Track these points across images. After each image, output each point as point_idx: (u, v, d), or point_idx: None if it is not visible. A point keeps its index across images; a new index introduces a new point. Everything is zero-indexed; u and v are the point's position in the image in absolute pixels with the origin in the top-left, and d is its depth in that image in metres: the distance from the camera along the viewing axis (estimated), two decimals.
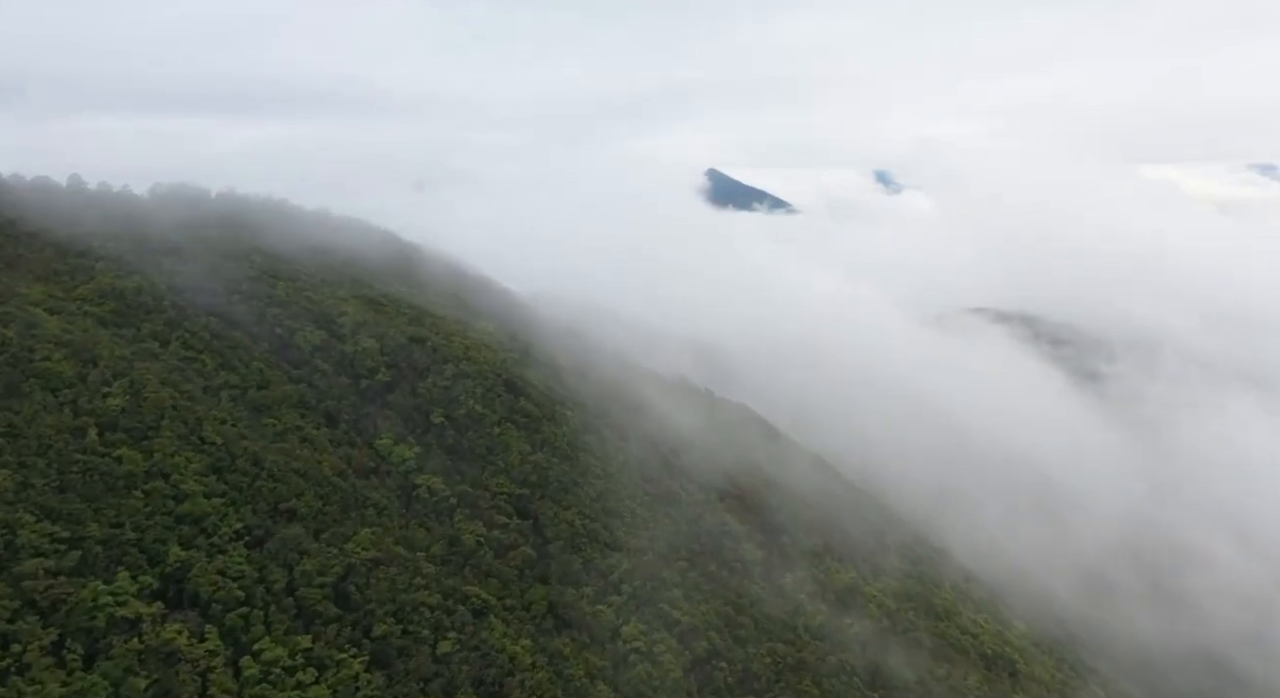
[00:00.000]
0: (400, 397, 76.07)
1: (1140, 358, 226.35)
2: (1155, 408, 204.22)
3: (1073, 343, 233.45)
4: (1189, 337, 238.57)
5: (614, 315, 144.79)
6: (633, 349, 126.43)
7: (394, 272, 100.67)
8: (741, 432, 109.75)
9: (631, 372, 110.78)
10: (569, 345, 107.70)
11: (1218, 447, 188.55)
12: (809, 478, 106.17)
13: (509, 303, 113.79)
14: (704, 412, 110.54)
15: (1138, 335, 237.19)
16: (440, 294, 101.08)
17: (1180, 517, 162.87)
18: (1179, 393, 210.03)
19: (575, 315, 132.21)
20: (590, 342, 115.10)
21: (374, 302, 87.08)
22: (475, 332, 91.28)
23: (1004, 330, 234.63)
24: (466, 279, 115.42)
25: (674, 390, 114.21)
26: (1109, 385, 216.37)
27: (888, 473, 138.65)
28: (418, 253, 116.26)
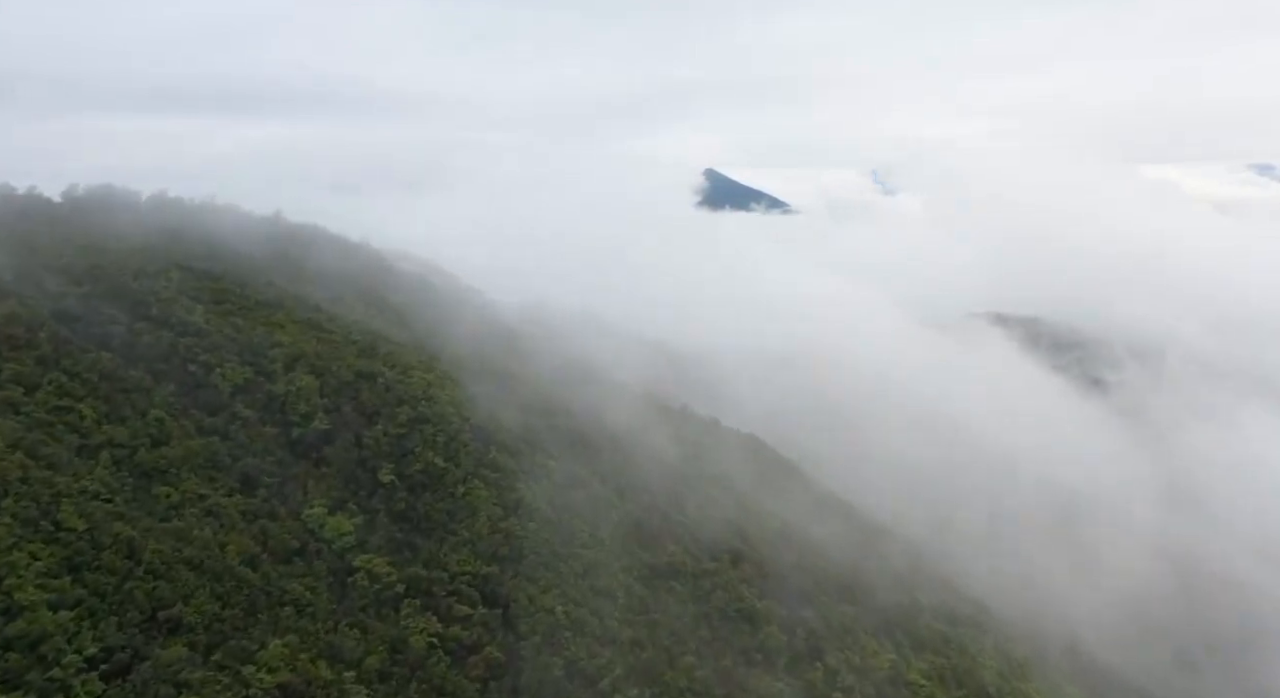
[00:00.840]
0: (341, 449, 60.76)
1: (1145, 364, 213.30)
2: (1166, 418, 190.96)
3: (1075, 348, 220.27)
4: (1193, 340, 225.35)
5: (605, 326, 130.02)
6: (626, 367, 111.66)
7: (352, 289, 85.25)
8: (749, 468, 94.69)
9: (626, 398, 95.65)
10: (555, 370, 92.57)
11: (1241, 462, 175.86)
12: (826, 522, 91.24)
13: (489, 321, 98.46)
14: (708, 445, 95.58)
15: (1140, 339, 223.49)
16: (406, 315, 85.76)
17: (1224, 547, 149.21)
18: (1189, 402, 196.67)
19: (564, 328, 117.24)
20: (579, 363, 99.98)
21: (318, 328, 71.65)
22: (442, 362, 75.91)
23: (1006, 335, 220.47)
24: (441, 294, 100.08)
25: (673, 419, 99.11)
26: (1116, 393, 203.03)
27: (889, 488, 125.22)
28: (386, 265, 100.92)
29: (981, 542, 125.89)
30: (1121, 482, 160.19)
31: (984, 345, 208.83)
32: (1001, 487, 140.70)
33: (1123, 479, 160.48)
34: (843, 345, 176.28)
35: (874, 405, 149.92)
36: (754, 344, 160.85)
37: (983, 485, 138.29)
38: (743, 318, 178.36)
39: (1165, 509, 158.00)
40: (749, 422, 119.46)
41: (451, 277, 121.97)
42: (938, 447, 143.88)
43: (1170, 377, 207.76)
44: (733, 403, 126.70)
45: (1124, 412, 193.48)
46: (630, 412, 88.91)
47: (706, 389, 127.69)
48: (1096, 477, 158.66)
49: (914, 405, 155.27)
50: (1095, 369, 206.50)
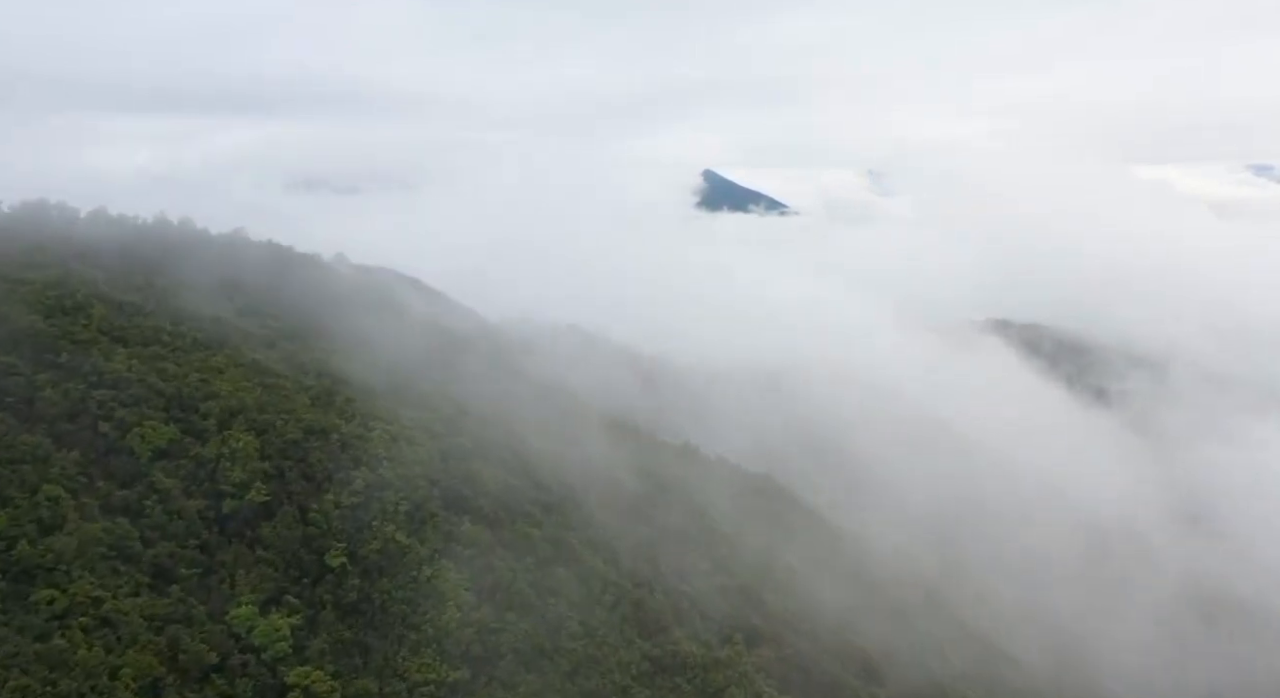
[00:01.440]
0: (282, 527, 50.22)
1: (1148, 373, 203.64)
2: (1175, 433, 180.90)
3: (1077, 355, 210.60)
4: (1196, 348, 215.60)
5: (594, 344, 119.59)
6: (616, 393, 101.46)
7: (314, 319, 74.50)
8: (761, 517, 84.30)
9: (621, 439, 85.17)
10: (540, 404, 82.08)
11: (1259, 482, 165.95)
12: (845, 584, 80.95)
13: (468, 348, 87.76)
14: (715, 492, 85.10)
15: (1143, 347, 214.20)
16: (376, 348, 75.01)
17: (1253, 578, 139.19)
18: (1197, 416, 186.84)
19: (549, 348, 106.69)
20: (565, 393, 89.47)
21: (264, 372, 60.98)
22: (410, 408, 65.31)
23: (1007, 343, 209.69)
24: (419, 319, 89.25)
25: (675, 461, 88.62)
26: (1121, 406, 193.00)
27: (894, 513, 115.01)
28: (359, 287, 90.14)
29: (998, 576, 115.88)
30: (1136, 503, 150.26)
31: (985, 355, 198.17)
32: (1012, 511, 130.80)
33: (1138, 501, 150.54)
34: (839, 357, 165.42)
35: (872, 421, 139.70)
36: (746, 358, 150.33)
37: (992, 510, 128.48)
38: (735, 329, 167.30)
39: (1185, 534, 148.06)
40: (744, 444, 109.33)
41: (434, 294, 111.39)
42: (941, 465, 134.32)
43: (1175, 387, 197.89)
44: (727, 423, 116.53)
45: (1131, 426, 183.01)
46: (625, 457, 78.43)
47: (699, 409, 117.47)
48: (1109, 498, 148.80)
49: (916, 421, 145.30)
50: (1099, 379, 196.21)
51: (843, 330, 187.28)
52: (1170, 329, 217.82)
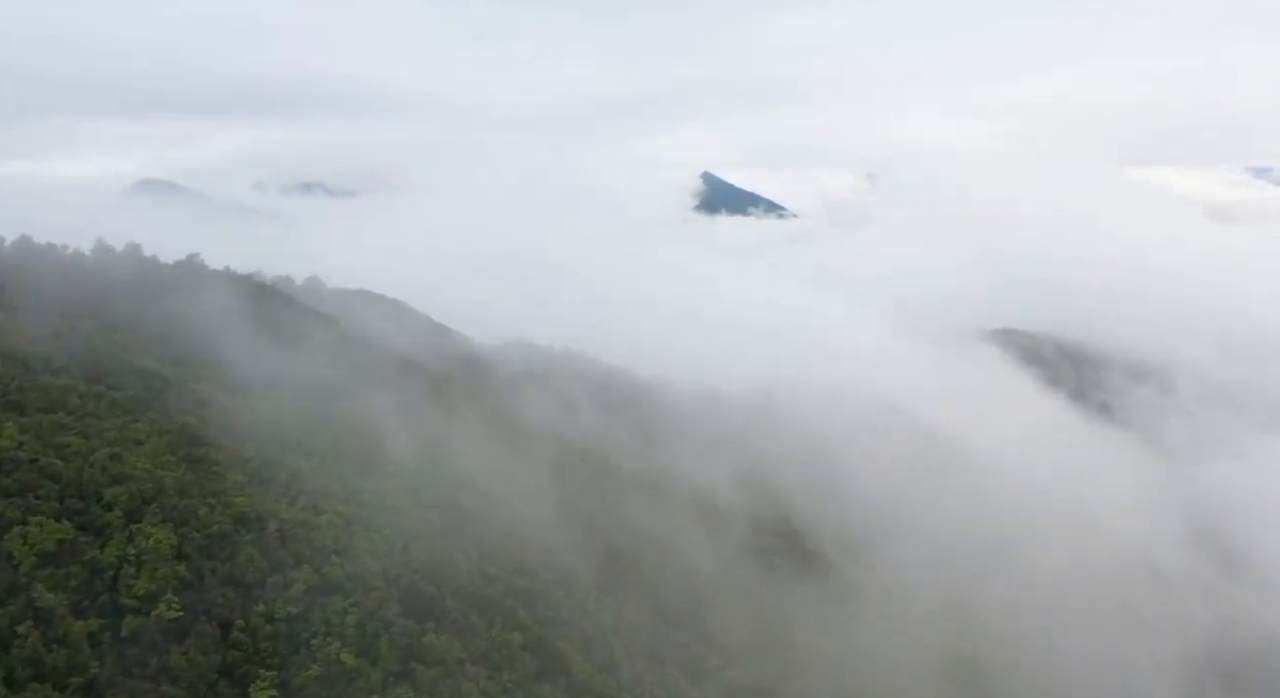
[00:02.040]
0: (196, 652, 39.95)
1: (1151, 386, 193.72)
2: (1183, 451, 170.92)
3: (1079, 367, 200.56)
4: (1197, 357, 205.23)
5: (587, 371, 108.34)
6: (613, 428, 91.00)
7: (265, 370, 63.61)
8: (773, 581, 74.10)
9: (618, 486, 74.90)
10: (529, 454, 71.78)
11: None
12: (873, 648, 70.88)
13: (451, 392, 77.27)
14: (723, 545, 74.94)
15: (1144, 356, 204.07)
16: (340, 403, 64.36)
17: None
18: (1203, 431, 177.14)
19: (545, 379, 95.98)
20: (556, 438, 79.11)
21: (194, 441, 50.53)
22: (372, 476, 54.97)
23: (1009, 355, 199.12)
24: (394, 360, 78.22)
25: (681, 510, 78.29)
26: (1126, 420, 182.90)
27: (898, 543, 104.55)
28: (328, 325, 79.14)
29: (1018, 616, 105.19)
30: (1153, 530, 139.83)
31: (989, 367, 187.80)
32: (1029, 541, 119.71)
33: (1155, 527, 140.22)
34: (839, 374, 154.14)
35: (876, 443, 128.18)
36: (744, 376, 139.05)
37: (1010, 541, 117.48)
38: (731, 345, 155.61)
39: (1205, 564, 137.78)
40: (744, 471, 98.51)
41: (417, 319, 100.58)
42: (952, 490, 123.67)
43: (1181, 400, 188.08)
44: (726, 451, 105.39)
45: (1140, 442, 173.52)
46: (622, 513, 68.12)
47: (698, 437, 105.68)
48: (1125, 524, 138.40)
49: (922, 440, 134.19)
50: (1103, 392, 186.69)
51: (842, 344, 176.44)
52: (1174, 339, 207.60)
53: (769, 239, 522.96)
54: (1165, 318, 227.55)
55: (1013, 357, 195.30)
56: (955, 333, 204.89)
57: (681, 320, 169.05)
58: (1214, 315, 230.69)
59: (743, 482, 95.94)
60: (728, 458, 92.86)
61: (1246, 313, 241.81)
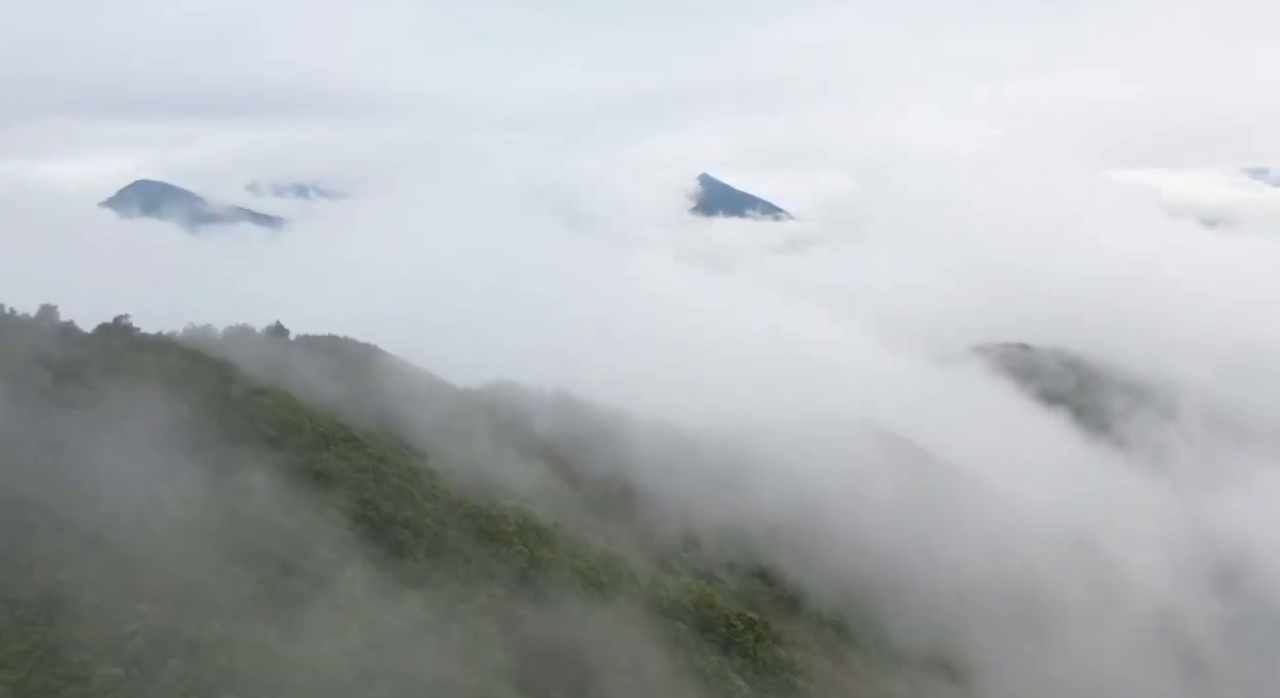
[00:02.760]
0: None
1: (1157, 405, 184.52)
2: (1192, 477, 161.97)
3: (1079, 385, 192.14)
4: (1196, 375, 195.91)
5: (588, 416, 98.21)
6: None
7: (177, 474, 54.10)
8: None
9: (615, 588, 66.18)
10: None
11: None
12: None
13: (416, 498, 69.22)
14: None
15: (1142, 375, 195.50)
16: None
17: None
18: (1211, 455, 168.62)
19: (531, 426, 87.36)
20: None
21: None
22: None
23: (1006, 373, 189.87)
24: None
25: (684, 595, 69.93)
26: (1131, 442, 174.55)
27: (919, 604, 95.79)
28: (280, 402, 69.40)
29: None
30: (1170, 567, 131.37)
31: (988, 389, 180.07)
32: (1050, 583, 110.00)
33: (1171, 564, 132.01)
34: (825, 398, 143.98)
35: (863, 476, 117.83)
36: (717, 403, 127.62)
37: (1021, 590, 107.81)
38: (721, 372, 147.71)
39: (1227, 605, 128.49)
40: (749, 515, 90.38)
41: (391, 368, 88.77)
42: (949, 527, 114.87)
43: (1182, 422, 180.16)
44: (734, 496, 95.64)
45: (1146, 470, 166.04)
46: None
47: (701, 483, 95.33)
48: (1140, 560, 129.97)
49: (914, 473, 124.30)
50: (1105, 412, 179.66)
51: (831, 365, 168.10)
52: (1174, 355, 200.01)
53: (766, 241, 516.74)
54: (1167, 332, 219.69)
55: (1011, 374, 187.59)
56: (951, 348, 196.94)
57: (650, 346, 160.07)
58: (1215, 329, 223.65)
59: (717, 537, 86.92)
60: (697, 513, 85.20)
61: (1247, 326, 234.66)
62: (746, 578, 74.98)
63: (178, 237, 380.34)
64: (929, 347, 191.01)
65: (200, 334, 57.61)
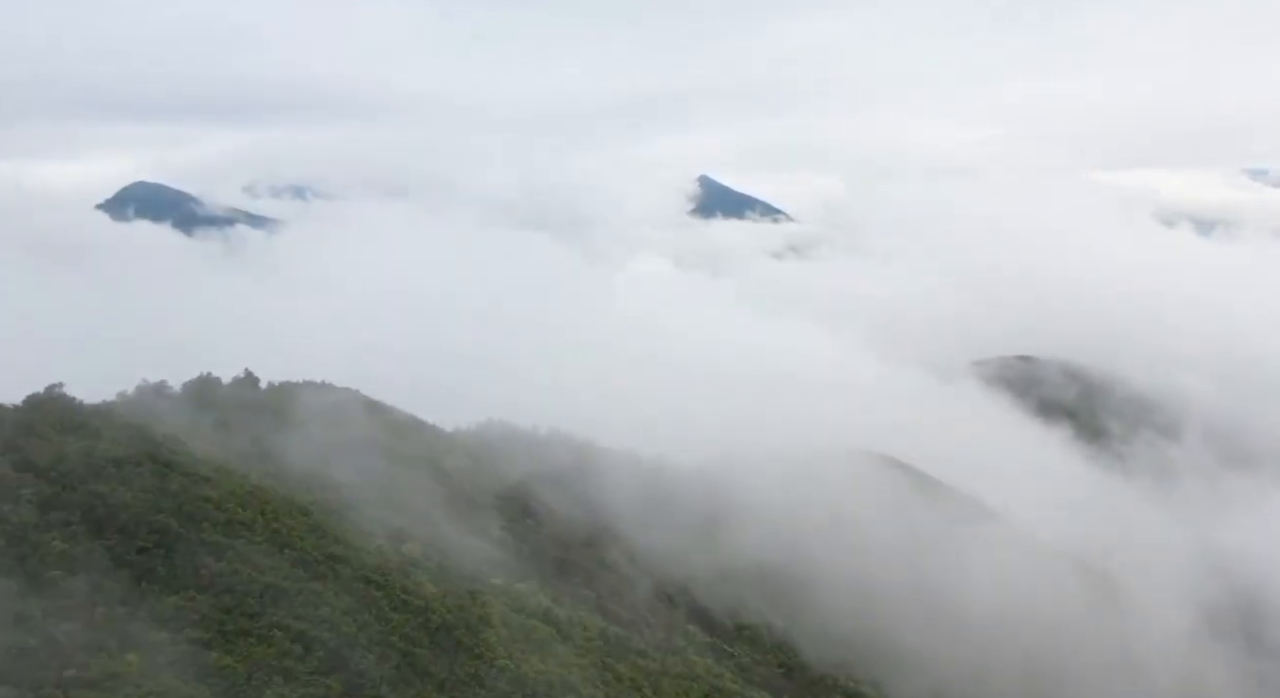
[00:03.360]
0: None
1: (1160, 422, 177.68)
2: (1199, 500, 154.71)
3: (1081, 400, 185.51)
4: (1197, 389, 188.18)
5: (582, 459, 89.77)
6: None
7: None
8: None
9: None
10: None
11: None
12: None
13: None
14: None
15: (1143, 389, 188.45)
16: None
17: None
18: (1216, 477, 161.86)
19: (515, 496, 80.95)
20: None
21: None
22: None
23: (1003, 389, 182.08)
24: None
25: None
26: (1134, 464, 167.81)
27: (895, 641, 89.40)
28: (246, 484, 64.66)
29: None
30: (1187, 599, 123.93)
31: (988, 407, 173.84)
32: (1074, 627, 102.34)
33: (1187, 595, 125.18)
34: (817, 417, 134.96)
35: (859, 505, 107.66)
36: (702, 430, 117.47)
37: (1037, 636, 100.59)
38: (680, 393, 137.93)
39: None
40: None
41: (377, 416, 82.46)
42: (954, 562, 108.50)
43: (1186, 441, 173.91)
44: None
45: (1151, 491, 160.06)
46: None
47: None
48: (1149, 591, 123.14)
49: (912, 501, 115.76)
50: (1113, 435, 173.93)
51: (823, 382, 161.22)
52: (1177, 369, 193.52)
53: (765, 244, 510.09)
54: (1170, 344, 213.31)
55: (1011, 388, 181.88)
56: (949, 361, 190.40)
57: (637, 369, 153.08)
58: (1217, 339, 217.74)
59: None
60: (683, 560, 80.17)
61: (1248, 336, 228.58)
62: (744, 643, 70.17)
63: (172, 240, 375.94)
64: (926, 359, 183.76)
65: (150, 397, 52.94)
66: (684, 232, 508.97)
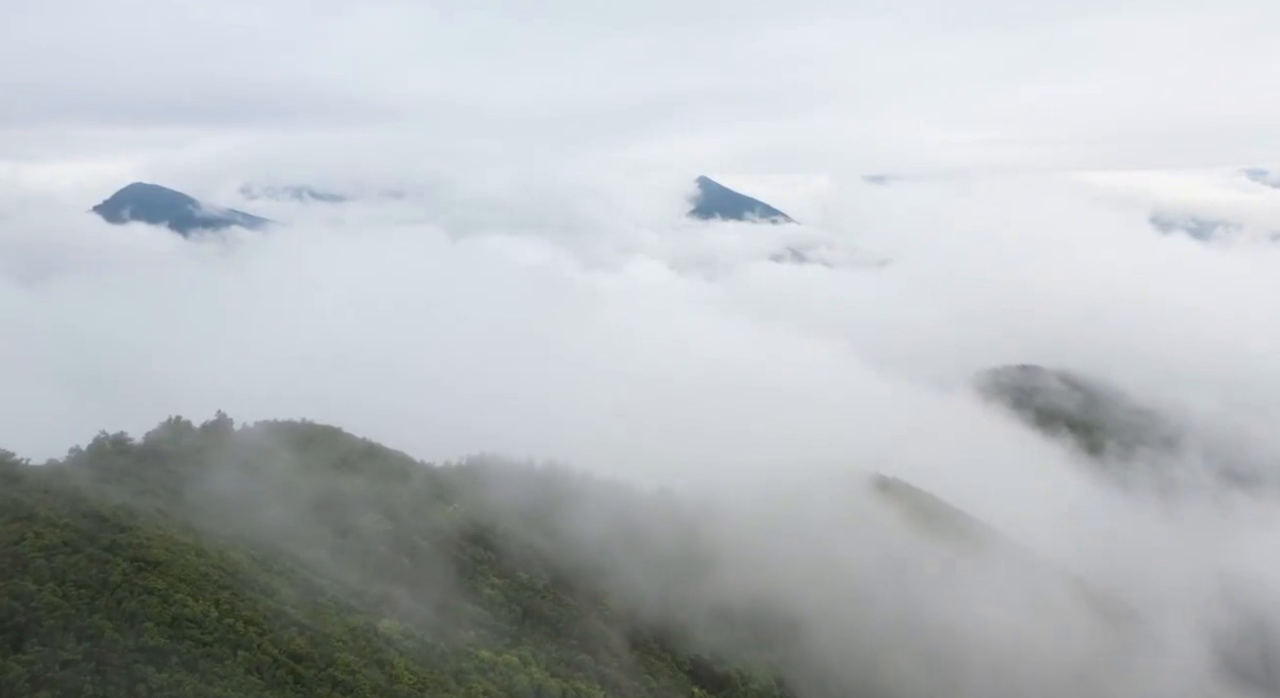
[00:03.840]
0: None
1: (1165, 437, 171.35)
2: (1207, 518, 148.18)
3: (1084, 416, 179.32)
4: (1200, 403, 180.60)
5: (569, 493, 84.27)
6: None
7: None
8: None
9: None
10: None
11: None
12: None
13: None
14: None
15: (1146, 404, 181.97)
16: None
17: None
18: (1220, 493, 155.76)
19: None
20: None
21: None
22: None
23: (999, 403, 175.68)
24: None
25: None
26: (1136, 479, 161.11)
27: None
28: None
29: None
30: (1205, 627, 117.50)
31: (985, 421, 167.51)
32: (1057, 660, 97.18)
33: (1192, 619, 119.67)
34: (808, 436, 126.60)
35: (851, 530, 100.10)
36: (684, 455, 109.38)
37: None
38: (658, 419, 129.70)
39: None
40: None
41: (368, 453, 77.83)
42: (959, 593, 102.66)
43: (1191, 455, 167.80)
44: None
45: (1158, 514, 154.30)
46: None
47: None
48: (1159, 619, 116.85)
49: (910, 524, 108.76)
50: (1115, 449, 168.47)
51: (829, 397, 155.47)
52: (1179, 382, 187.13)
53: (762, 245, 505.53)
54: (1170, 355, 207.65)
55: (1009, 401, 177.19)
56: (946, 371, 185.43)
57: (626, 387, 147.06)
58: (1216, 351, 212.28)
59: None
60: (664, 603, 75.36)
61: (1250, 347, 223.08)
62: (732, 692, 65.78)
63: (166, 242, 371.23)
64: (923, 369, 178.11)
65: (107, 455, 48.72)
66: (681, 234, 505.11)
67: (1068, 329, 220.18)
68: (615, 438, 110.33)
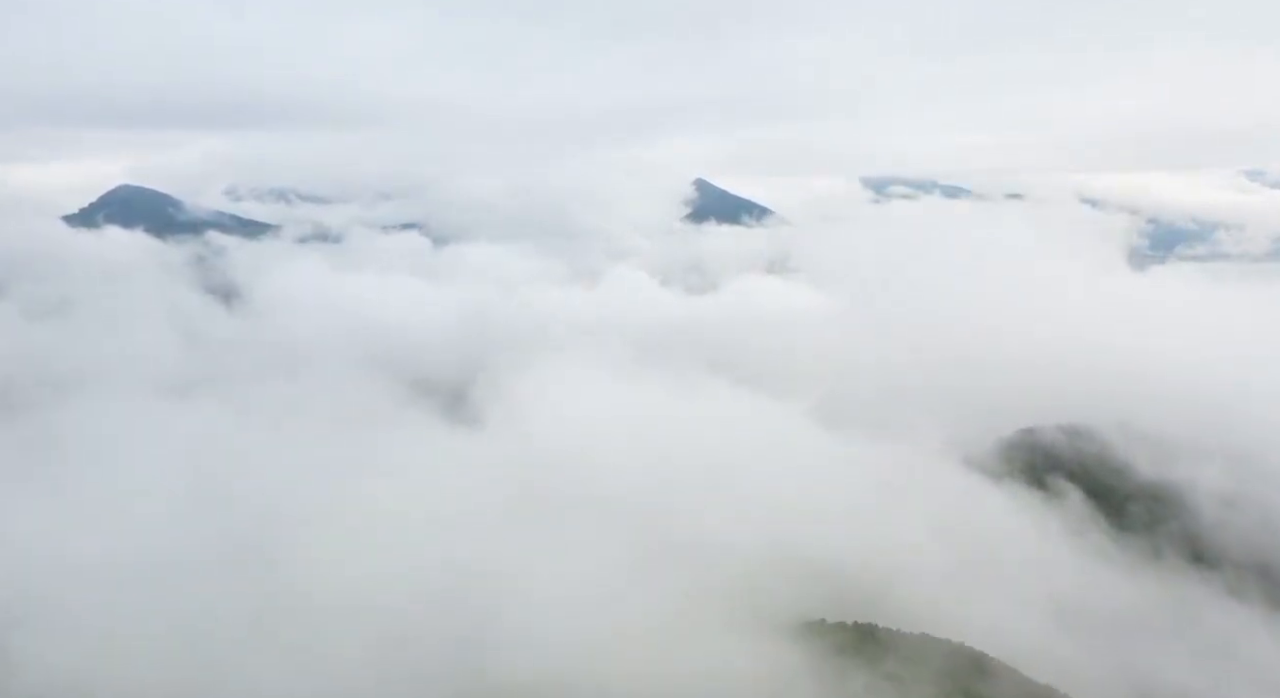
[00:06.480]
0: None
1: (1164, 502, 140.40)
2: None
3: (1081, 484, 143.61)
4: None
5: None
6: None
7: None
8: None
9: None
10: None
11: None
12: None
13: None
14: None
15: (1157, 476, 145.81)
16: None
17: None
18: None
19: None
20: None
21: None
22: None
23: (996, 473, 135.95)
24: None
25: None
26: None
27: None
28: None
29: None
30: None
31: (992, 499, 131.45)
32: None
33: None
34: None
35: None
36: None
37: None
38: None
39: None
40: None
41: None
42: None
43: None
44: None
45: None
46: None
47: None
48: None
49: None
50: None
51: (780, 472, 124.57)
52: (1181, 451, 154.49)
53: (757, 249, 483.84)
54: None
55: (1009, 469, 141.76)
56: (929, 436, 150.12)
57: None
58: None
59: None
60: None
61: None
62: None
63: (141, 249, 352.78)
64: (902, 431, 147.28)
65: None
66: (673, 240, 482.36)
67: (1072, 379, 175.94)
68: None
